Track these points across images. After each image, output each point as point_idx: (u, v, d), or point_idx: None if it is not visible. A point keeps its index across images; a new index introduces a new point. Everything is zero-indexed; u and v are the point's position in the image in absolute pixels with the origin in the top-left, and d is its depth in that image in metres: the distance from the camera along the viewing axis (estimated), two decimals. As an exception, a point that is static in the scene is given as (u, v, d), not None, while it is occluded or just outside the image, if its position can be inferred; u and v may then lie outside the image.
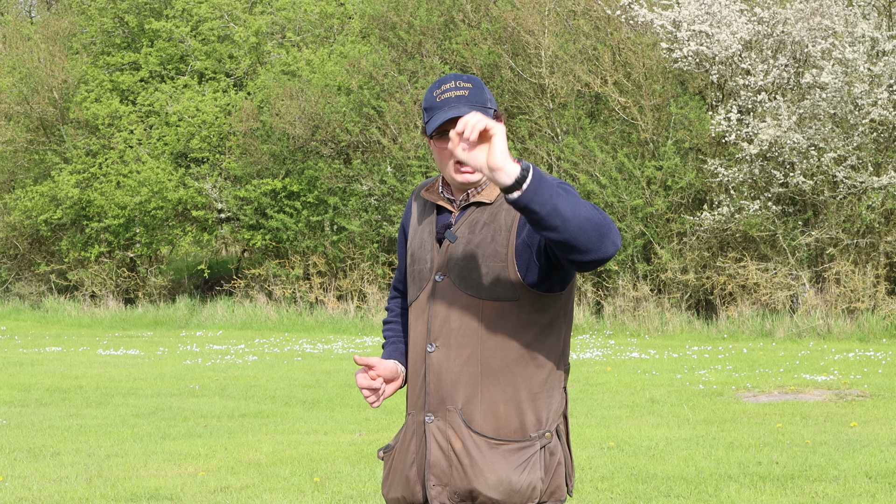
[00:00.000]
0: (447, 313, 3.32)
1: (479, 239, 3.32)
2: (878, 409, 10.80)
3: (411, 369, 3.43)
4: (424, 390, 3.35)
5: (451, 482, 3.32)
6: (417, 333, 3.40)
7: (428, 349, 3.34)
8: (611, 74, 20.38)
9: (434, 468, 3.33)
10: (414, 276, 3.43)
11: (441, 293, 3.34)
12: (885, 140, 18.83)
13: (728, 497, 7.24)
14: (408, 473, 3.39)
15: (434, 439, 3.33)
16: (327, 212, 22.84)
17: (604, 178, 19.69)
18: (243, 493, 7.57)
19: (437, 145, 3.34)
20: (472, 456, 3.30)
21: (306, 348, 17.73)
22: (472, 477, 3.30)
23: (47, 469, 8.45)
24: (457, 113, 3.24)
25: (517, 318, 3.30)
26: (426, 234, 3.43)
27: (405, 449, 3.41)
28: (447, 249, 3.36)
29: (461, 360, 3.30)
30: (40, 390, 12.86)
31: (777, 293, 18.84)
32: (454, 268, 3.33)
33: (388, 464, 3.48)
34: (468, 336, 3.30)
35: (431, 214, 3.45)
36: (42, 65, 26.74)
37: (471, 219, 3.36)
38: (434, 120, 3.28)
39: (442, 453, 3.33)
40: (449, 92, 3.30)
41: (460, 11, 22.46)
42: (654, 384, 12.60)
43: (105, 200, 24.83)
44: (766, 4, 19.46)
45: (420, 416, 3.37)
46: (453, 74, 3.36)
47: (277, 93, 23.20)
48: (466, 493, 3.32)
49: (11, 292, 27.36)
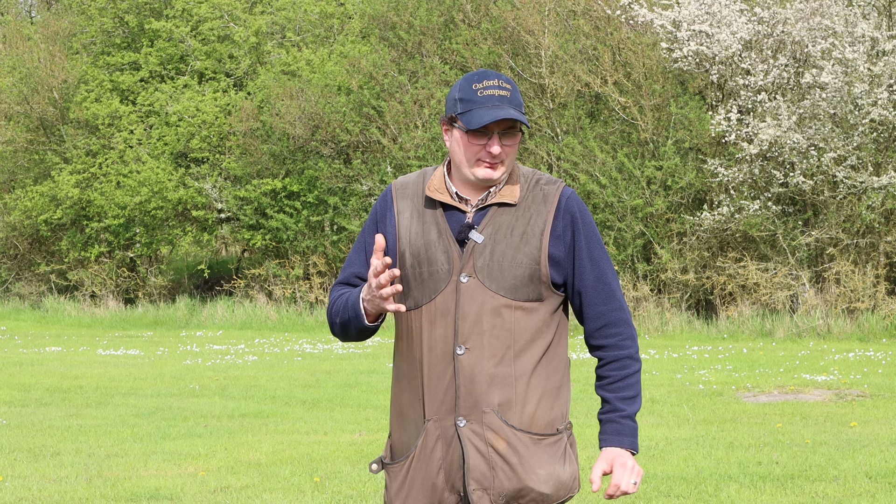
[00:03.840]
0: (478, 315, 3.29)
1: (510, 240, 3.31)
2: (878, 409, 10.80)
3: (429, 374, 3.32)
4: (454, 394, 3.29)
5: (493, 485, 3.29)
6: (436, 336, 3.32)
7: (457, 352, 3.29)
8: (611, 74, 20.38)
9: (474, 472, 3.29)
10: (421, 278, 3.34)
11: (468, 295, 3.29)
12: (885, 140, 18.83)
13: (728, 497, 7.24)
14: (434, 481, 3.33)
15: (471, 443, 3.29)
16: (327, 212, 22.84)
17: (604, 178, 19.69)
18: (243, 493, 7.57)
19: (465, 138, 3.31)
20: (519, 454, 3.30)
21: (306, 348, 17.72)
22: (522, 475, 3.30)
23: (47, 469, 8.45)
24: (503, 114, 3.25)
25: (542, 318, 3.34)
26: (434, 234, 3.35)
27: (427, 456, 3.33)
28: (472, 250, 3.31)
29: (495, 361, 3.29)
30: (40, 390, 12.86)
31: (777, 293, 18.84)
32: (482, 269, 3.30)
33: (400, 473, 3.38)
34: (501, 337, 3.30)
35: (435, 214, 3.37)
36: (42, 65, 26.74)
37: (496, 219, 3.34)
38: (478, 115, 3.27)
39: (481, 457, 3.29)
40: (492, 90, 3.30)
41: (460, 11, 22.46)
42: (654, 384, 12.60)
43: (105, 200, 24.83)
44: (766, 4, 19.46)
45: (448, 421, 3.30)
46: (493, 71, 3.36)
47: (277, 93, 23.20)
48: (514, 492, 3.31)
49: (11, 292, 27.36)
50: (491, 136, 3.28)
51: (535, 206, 3.35)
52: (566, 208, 3.36)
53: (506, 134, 3.30)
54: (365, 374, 14.00)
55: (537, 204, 3.35)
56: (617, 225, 19.79)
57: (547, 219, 3.33)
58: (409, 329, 3.38)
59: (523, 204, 3.35)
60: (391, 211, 3.42)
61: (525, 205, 3.35)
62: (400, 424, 3.42)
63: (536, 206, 3.35)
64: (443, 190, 3.38)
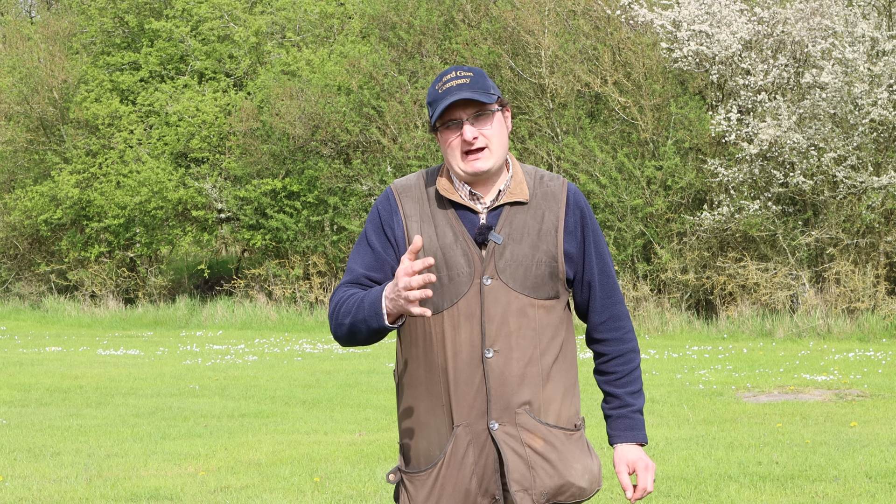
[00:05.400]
0: (504, 316, 3.28)
1: (528, 239, 3.32)
2: (878, 409, 10.80)
3: (455, 379, 3.28)
4: (485, 397, 3.27)
5: (535, 484, 3.30)
6: (461, 341, 3.28)
7: (486, 355, 3.27)
8: (611, 74, 20.38)
9: (514, 473, 3.28)
10: (440, 282, 3.27)
11: (493, 297, 3.28)
12: (885, 140, 18.83)
13: (728, 497, 7.24)
14: (466, 487, 3.30)
15: (507, 446, 3.28)
16: (327, 212, 22.84)
17: (604, 178, 19.69)
18: (243, 493, 7.57)
19: (444, 135, 3.31)
20: (558, 450, 3.32)
21: (306, 348, 17.72)
22: (563, 470, 3.32)
23: (47, 469, 8.45)
24: (457, 96, 3.24)
25: (559, 316, 3.37)
26: (450, 237, 3.30)
27: (458, 462, 3.30)
28: (493, 251, 3.29)
29: (524, 362, 3.30)
30: (40, 390, 12.86)
31: (777, 293, 18.84)
32: (505, 269, 3.29)
33: (428, 482, 3.33)
34: (527, 337, 3.30)
35: (447, 215, 3.33)
36: (42, 65, 26.74)
37: (511, 219, 3.33)
38: (438, 109, 3.27)
39: (519, 458, 3.29)
40: (451, 82, 3.30)
41: (460, 11, 22.46)
42: (654, 384, 12.60)
43: (105, 200, 24.83)
44: (766, 4, 19.46)
45: (480, 425, 3.28)
46: (455, 66, 3.36)
47: (277, 93, 23.20)
48: (555, 489, 3.32)
49: (11, 292, 27.36)
50: (461, 124, 3.27)
51: (546, 203, 3.36)
52: (575, 203, 3.38)
53: (478, 118, 3.28)
54: (365, 374, 14.00)
55: (547, 201, 3.36)
56: (617, 225, 19.79)
57: (559, 215, 3.34)
58: (428, 335, 3.31)
59: (534, 201, 3.35)
60: (397, 215, 3.35)
61: (535, 202, 3.35)
62: (419, 432, 3.37)
63: (547, 203, 3.36)
64: (453, 190, 3.34)
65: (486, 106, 3.29)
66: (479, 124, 3.28)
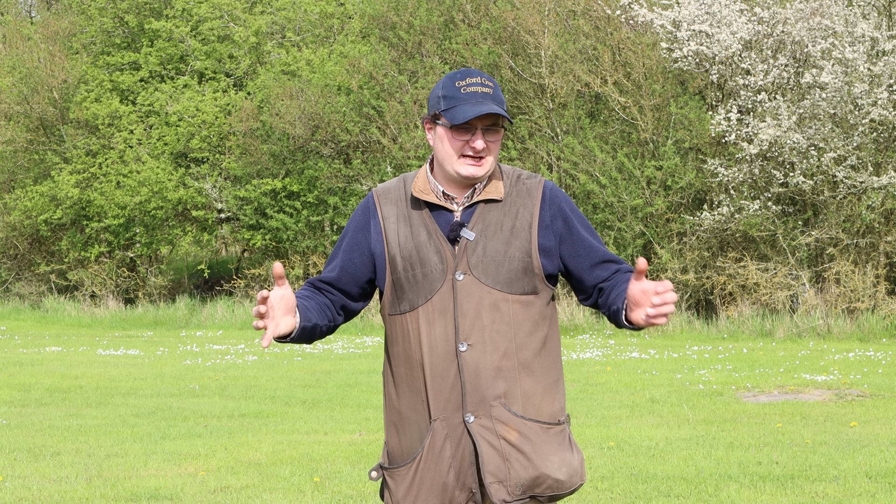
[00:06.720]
0: (477, 311, 3.33)
1: (501, 235, 3.36)
2: (878, 409, 10.80)
3: (432, 373, 3.34)
4: (460, 390, 3.32)
5: (509, 476, 3.32)
6: (436, 336, 3.34)
7: (459, 349, 3.32)
8: (611, 74, 20.38)
9: (489, 465, 3.31)
10: (414, 280, 3.36)
11: (465, 292, 3.33)
12: (885, 140, 18.83)
13: (728, 497, 7.24)
14: (444, 480, 3.34)
15: (482, 438, 3.32)
16: (327, 212, 22.84)
17: (604, 178, 19.69)
18: (243, 493, 7.57)
19: (448, 133, 3.35)
20: (532, 442, 3.34)
21: (306, 348, 17.72)
22: (537, 462, 3.34)
23: (47, 469, 8.45)
24: (487, 109, 3.30)
25: (538, 312, 3.39)
26: (423, 235, 3.38)
27: (436, 456, 3.34)
28: (465, 248, 3.35)
29: (498, 356, 3.33)
30: (40, 390, 12.86)
31: (777, 293, 18.84)
32: (477, 265, 3.34)
33: (407, 476, 3.38)
34: (501, 331, 3.34)
35: (422, 215, 3.41)
36: (42, 65, 26.74)
37: (485, 216, 3.39)
38: (462, 111, 3.31)
39: (494, 450, 3.32)
40: (475, 87, 3.35)
41: (460, 11, 22.46)
42: (654, 384, 12.60)
43: (105, 200, 24.83)
44: (766, 4, 19.46)
45: (456, 419, 3.33)
46: (476, 70, 3.41)
47: (277, 93, 23.21)
48: (531, 481, 3.34)
49: (11, 292, 27.36)
50: (474, 132, 3.34)
51: (521, 200, 3.41)
52: (551, 199, 3.43)
53: (489, 130, 3.36)
54: (365, 374, 14.00)
55: (522, 198, 3.42)
56: (617, 225, 19.79)
57: (533, 211, 3.39)
58: (406, 332, 3.38)
59: (509, 199, 3.41)
60: (375, 218, 3.45)
61: (511, 200, 3.41)
62: (400, 429, 3.42)
63: (522, 200, 3.41)
64: (428, 190, 3.41)
65: (501, 120, 3.37)
66: (488, 136, 3.37)
